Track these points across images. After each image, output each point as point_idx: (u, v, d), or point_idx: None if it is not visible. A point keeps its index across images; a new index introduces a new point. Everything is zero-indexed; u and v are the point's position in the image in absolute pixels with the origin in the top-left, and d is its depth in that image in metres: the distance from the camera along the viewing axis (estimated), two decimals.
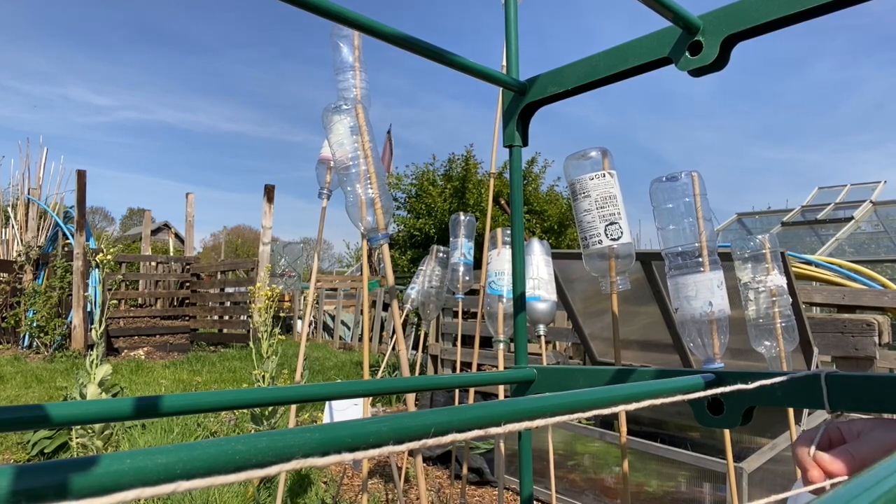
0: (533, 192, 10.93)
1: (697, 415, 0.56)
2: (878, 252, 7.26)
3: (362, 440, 0.28)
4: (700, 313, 1.33)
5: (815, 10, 0.54)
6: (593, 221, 1.40)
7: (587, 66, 0.71)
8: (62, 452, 3.31)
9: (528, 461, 0.76)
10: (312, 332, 10.45)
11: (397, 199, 11.26)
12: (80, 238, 7.32)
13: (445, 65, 0.63)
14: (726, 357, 1.37)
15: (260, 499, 2.72)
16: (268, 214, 7.63)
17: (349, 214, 1.68)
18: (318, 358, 7.74)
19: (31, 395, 5.09)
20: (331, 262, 29.67)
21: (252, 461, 0.24)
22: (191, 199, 10.77)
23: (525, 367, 0.71)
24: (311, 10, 0.51)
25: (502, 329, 1.97)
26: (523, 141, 0.79)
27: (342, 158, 1.68)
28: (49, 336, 7.48)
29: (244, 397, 0.48)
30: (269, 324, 3.08)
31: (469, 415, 0.33)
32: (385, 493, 3.07)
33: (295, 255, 16.08)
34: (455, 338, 5.04)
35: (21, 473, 0.20)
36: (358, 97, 1.79)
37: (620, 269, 1.42)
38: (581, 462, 2.84)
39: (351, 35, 1.83)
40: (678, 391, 0.48)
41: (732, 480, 1.66)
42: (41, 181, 9.61)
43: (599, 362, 3.32)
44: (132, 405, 0.41)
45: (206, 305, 9.52)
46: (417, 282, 2.79)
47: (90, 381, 3.19)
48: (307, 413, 4.48)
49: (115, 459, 0.22)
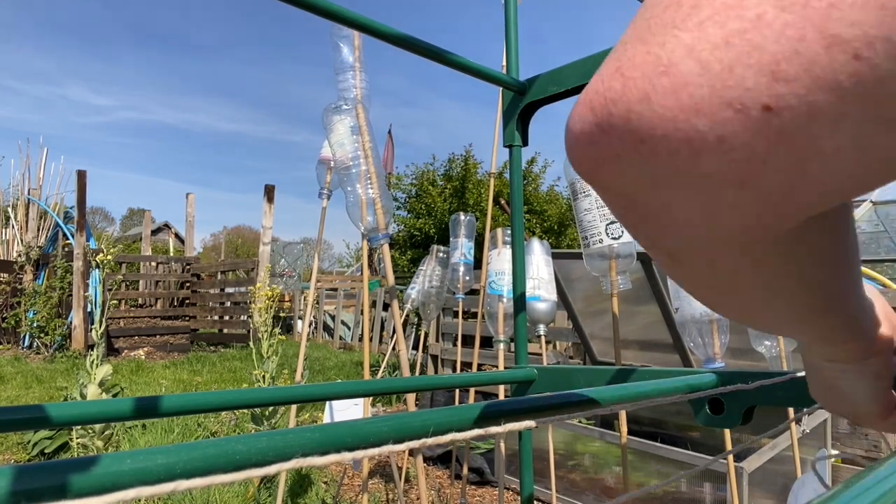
0: (533, 191, 10.93)
1: (698, 414, 0.56)
2: (878, 252, 7.25)
3: (362, 440, 0.28)
4: (700, 313, 1.33)
5: None
6: (594, 221, 1.40)
7: (587, 65, 0.71)
8: (62, 452, 3.31)
9: (528, 461, 0.76)
10: (312, 332, 10.45)
11: (397, 199, 11.26)
12: (80, 238, 7.32)
13: (445, 65, 0.63)
14: (726, 357, 1.37)
15: (260, 499, 2.72)
16: (268, 214, 7.63)
17: (349, 214, 1.68)
18: (318, 358, 7.74)
19: (32, 395, 5.09)
20: (331, 262, 29.68)
21: (252, 461, 0.24)
22: (191, 199, 10.78)
23: (525, 367, 0.71)
24: (311, 10, 0.51)
25: (502, 329, 1.97)
26: (523, 141, 0.79)
27: (342, 158, 1.68)
28: (49, 336, 7.48)
29: (244, 397, 0.48)
30: (269, 324, 3.08)
31: (469, 414, 0.33)
32: (385, 492, 3.07)
33: (295, 256, 16.09)
34: (455, 338, 5.04)
35: (21, 473, 0.20)
36: (358, 97, 1.79)
37: (621, 269, 1.42)
38: (581, 462, 2.84)
39: (351, 35, 1.83)
40: (679, 391, 0.48)
41: (732, 480, 1.66)
42: (41, 181, 9.61)
43: (599, 362, 3.32)
44: (132, 405, 0.41)
45: (207, 305, 9.52)
46: (417, 282, 2.79)
47: (90, 382, 3.19)
48: (307, 413, 4.48)
49: (115, 459, 0.22)
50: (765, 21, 0.15)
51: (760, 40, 0.15)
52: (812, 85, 0.15)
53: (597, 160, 0.19)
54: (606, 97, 0.18)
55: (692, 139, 0.16)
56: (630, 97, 0.17)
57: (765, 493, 2.21)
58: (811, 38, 0.15)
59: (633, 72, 0.17)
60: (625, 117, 0.17)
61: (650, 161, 0.18)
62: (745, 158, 0.16)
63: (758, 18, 0.15)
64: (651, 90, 0.17)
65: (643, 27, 0.18)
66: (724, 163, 0.17)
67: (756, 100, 0.16)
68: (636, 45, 0.17)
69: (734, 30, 0.16)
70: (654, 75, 0.17)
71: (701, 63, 0.16)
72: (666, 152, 0.17)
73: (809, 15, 0.15)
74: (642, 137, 0.17)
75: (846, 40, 0.14)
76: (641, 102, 0.17)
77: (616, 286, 1.42)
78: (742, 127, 0.16)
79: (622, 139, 0.18)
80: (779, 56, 0.15)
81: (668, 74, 0.16)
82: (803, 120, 0.15)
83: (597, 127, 0.18)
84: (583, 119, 0.19)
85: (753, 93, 0.15)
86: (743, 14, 0.15)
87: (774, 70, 0.15)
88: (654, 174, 0.18)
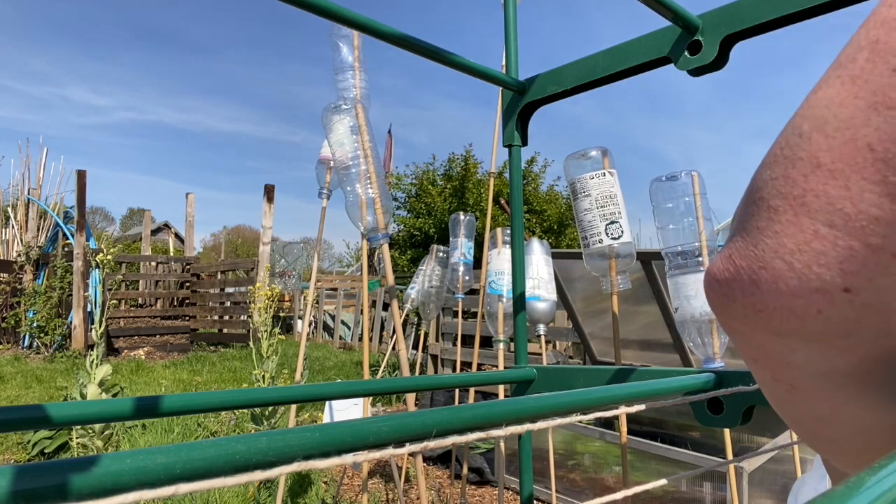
0: (533, 191, 10.93)
1: (698, 414, 0.56)
2: None
3: (364, 440, 0.28)
4: (700, 312, 1.33)
5: (814, 9, 0.54)
6: (594, 220, 1.40)
7: (586, 65, 0.71)
8: (62, 452, 3.31)
9: (528, 461, 0.76)
10: (312, 332, 10.45)
11: (397, 198, 11.26)
12: (80, 238, 7.32)
13: (445, 65, 0.63)
14: (726, 356, 1.37)
15: (260, 498, 2.72)
16: (268, 214, 7.63)
17: (349, 214, 1.68)
18: (318, 358, 7.74)
19: (32, 395, 5.09)
20: (331, 261, 29.66)
21: (253, 461, 0.24)
22: (191, 199, 10.78)
23: (525, 367, 0.71)
24: (311, 10, 0.51)
25: (502, 329, 1.97)
26: (523, 140, 0.79)
27: (342, 158, 1.68)
28: (49, 336, 7.48)
29: (244, 397, 0.48)
30: (268, 324, 3.08)
31: (470, 414, 0.33)
32: (385, 492, 3.07)
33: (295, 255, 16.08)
34: (455, 337, 5.04)
35: (21, 473, 0.20)
36: (357, 97, 1.79)
37: (621, 269, 1.42)
38: (581, 462, 2.84)
39: (350, 35, 1.83)
40: (679, 391, 0.48)
41: (732, 480, 1.66)
42: (41, 181, 9.61)
43: (599, 362, 3.32)
44: (132, 405, 0.41)
45: (206, 305, 9.52)
46: (417, 281, 2.79)
47: (90, 382, 3.19)
48: (307, 413, 4.48)
49: (115, 459, 0.22)
50: (820, 235, 0.20)
51: (822, 248, 0.20)
52: (872, 275, 0.19)
53: (729, 318, 0.24)
54: (725, 276, 0.23)
55: (796, 312, 0.21)
56: (743, 279, 0.23)
57: (765, 493, 2.21)
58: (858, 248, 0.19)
59: (741, 262, 0.23)
60: (742, 292, 0.23)
61: (770, 322, 0.23)
62: (842, 320, 0.21)
63: (815, 233, 0.20)
64: (757, 279, 0.22)
65: (740, 225, 0.23)
66: (827, 325, 0.21)
67: (836, 286, 0.20)
68: (738, 240, 0.23)
69: (802, 241, 0.20)
70: (756, 268, 0.22)
71: (786, 263, 0.21)
72: (779, 319, 0.22)
73: (851, 231, 0.19)
74: (759, 309, 0.22)
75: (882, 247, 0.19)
76: (752, 285, 0.22)
77: (616, 286, 1.42)
78: (832, 303, 0.21)
79: (745, 307, 0.23)
80: (841, 259, 0.20)
81: (766, 269, 0.22)
82: (875, 295, 0.20)
83: (724, 295, 0.24)
84: (711, 286, 0.24)
85: (831, 283, 0.20)
86: (803, 230, 0.20)
87: (841, 269, 0.20)
88: (775, 330, 0.23)
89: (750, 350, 0.26)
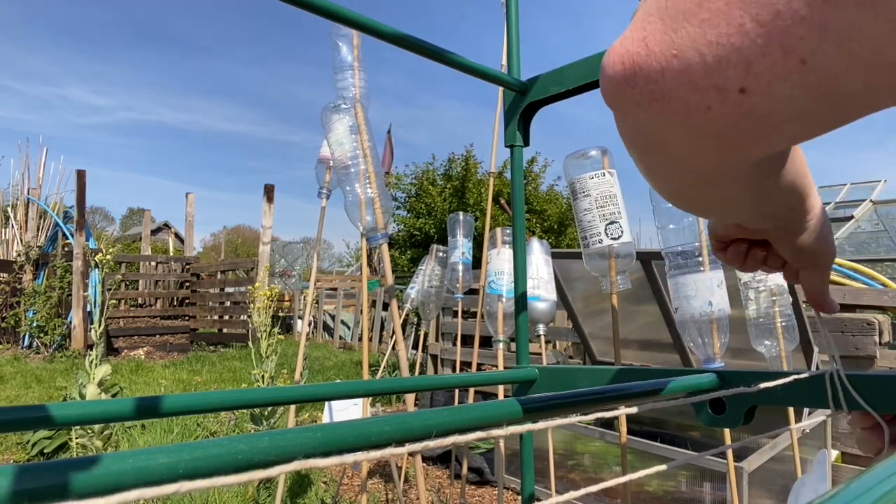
0: (533, 191, 10.93)
1: (700, 414, 0.55)
2: (878, 251, 7.25)
3: (365, 440, 0.28)
4: (700, 313, 1.33)
5: None
6: (593, 220, 1.40)
7: (588, 65, 0.71)
8: (62, 452, 3.30)
9: (529, 461, 0.76)
10: (312, 332, 10.45)
11: (397, 198, 11.25)
12: (79, 238, 7.32)
13: (446, 65, 0.63)
14: (726, 356, 1.37)
15: (260, 498, 2.72)
16: (268, 214, 7.63)
17: (348, 214, 1.68)
18: (317, 358, 7.74)
19: (31, 395, 5.08)
20: (331, 261, 29.63)
21: (254, 461, 0.24)
22: (191, 199, 10.77)
23: (527, 367, 0.71)
24: (311, 10, 0.51)
25: (502, 329, 1.97)
26: (524, 141, 0.78)
27: (341, 158, 1.67)
28: (49, 336, 7.47)
29: (244, 397, 0.48)
30: (268, 323, 3.08)
31: (471, 415, 0.33)
32: (385, 492, 3.07)
33: (295, 255, 16.08)
34: (455, 337, 5.04)
35: (21, 473, 0.20)
36: (357, 96, 1.79)
37: (621, 269, 1.42)
38: (581, 461, 2.84)
39: (350, 34, 1.83)
40: (683, 391, 0.48)
41: (732, 480, 1.66)
42: (41, 181, 9.60)
43: (599, 362, 3.32)
44: (132, 405, 0.41)
45: (206, 305, 9.52)
46: (417, 281, 2.79)
47: (90, 382, 3.19)
48: (307, 413, 4.48)
49: (116, 459, 0.22)
50: (744, 30, 0.21)
51: (740, 44, 0.21)
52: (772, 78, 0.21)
53: (621, 102, 0.26)
54: (634, 60, 0.24)
55: (689, 105, 0.23)
56: (651, 66, 0.23)
57: (765, 493, 2.21)
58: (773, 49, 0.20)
59: (654, 46, 0.23)
60: (646, 79, 0.24)
61: (659, 113, 0.24)
62: (723, 122, 0.23)
63: (739, 27, 0.21)
64: (666, 66, 0.23)
65: (663, 6, 0.23)
66: (708, 124, 0.23)
67: (735, 86, 0.22)
68: (656, 22, 0.23)
69: (723, 33, 0.21)
70: (669, 55, 0.23)
71: (700, 55, 0.22)
72: (670, 111, 0.24)
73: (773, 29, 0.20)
74: (655, 97, 0.24)
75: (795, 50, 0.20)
76: (658, 73, 0.23)
77: (616, 286, 1.42)
78: (723, 102, 0.22)
79: (642, 94, 0.24)
80: (753, 57, 0.21)
81: (678, 58, 0.22)
82: (766, 101, 0.22)
83: (624, 79, 0.24)
84: (614, 67, 0.25)
85: (733, 80, 0.22)
86: (730, 21, 0.21)
87: (747, 68, 0.21)
88: (660, 121, 0.25)
89: (626, 128, 0.28)
